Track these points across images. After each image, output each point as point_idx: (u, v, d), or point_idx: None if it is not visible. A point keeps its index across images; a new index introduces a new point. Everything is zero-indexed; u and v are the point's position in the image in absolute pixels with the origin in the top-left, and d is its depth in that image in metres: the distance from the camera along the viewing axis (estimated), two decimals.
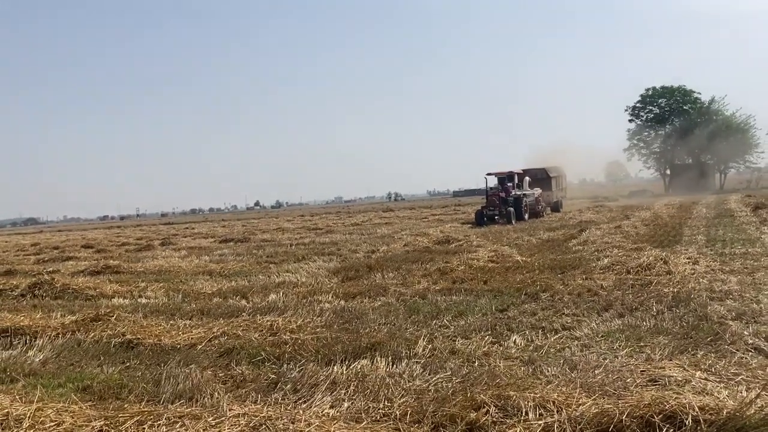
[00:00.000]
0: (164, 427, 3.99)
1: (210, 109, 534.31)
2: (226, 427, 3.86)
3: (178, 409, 4.35)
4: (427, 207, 64.64)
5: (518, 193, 29.66)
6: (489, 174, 30.94)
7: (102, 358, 6.88)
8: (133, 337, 7.60)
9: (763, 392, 4.48)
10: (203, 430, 3.86)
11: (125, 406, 4.67)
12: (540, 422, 4.14)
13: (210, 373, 6.00)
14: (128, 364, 6.64)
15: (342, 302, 9.56)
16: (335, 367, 5.78)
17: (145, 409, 4.38)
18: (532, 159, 41.30)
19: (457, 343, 6.62)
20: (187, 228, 50.58)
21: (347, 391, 5.07)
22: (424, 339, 6.62)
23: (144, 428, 4.00)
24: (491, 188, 30.36)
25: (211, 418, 4.05)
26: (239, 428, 3.85)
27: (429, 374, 5.47)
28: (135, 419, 4.13)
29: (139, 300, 11.07)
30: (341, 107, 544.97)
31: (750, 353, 5.65)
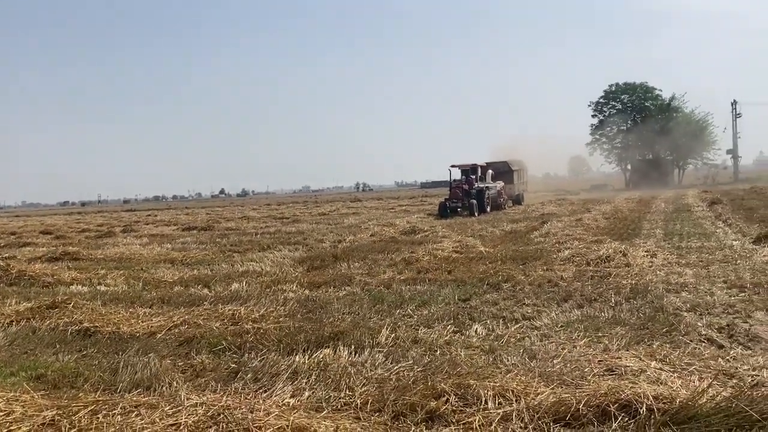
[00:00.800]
0: (119, 416, 3.92)
1: (175, 95, 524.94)
2: (183, 417, 3.80)
3: (134, 399, 4.27)
4: (394, 198, 64.77)
5: (481, 185, 29.86)
6: (453, 166, 31.07)
7: (58, 347, 6.72)
8: (91, 325, 7.45)
9: (715, 382, 4.61)
10: (159, 419, 3.79)
11: (80, 395, 4.58)
12: (499, 411, 4.18)
13: (169, 362, 5.92)
14: (85, 352, 6.50)
15: (306, 292, 9.51)
16: (297, 357, 5.75)
17: (100, 399, 4.30)
18: (496, 152, 41.57)
19: (419, 332, 6.65)
20: (149, 215, 49.76)
21: (309, 381, 5.05)
22: (387, 328, 6.63)
23: (98, 418, 3.91)
24: (455, 180, 30.53)
25: (168, 408, 3.98)
26: (197, 417, 3.80)
27: (391, 363, 5.48)
28: (89, 409, 4.04)
29: (98, 288, 10.84)
30: (311, 97, 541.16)
31: (703, 344, 5.81)
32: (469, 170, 30.58)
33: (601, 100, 72.67)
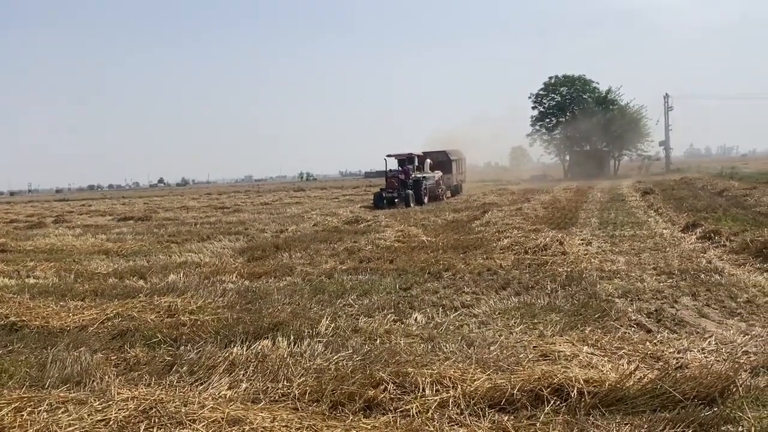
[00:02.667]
0: (45, 413, 3.76)
1: (112, 79, 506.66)
2: (113, 412, 3.68)
3: (61, 394, 4.12)
4: (338, 187, 64.51)
5: (418, 175, 29.11)
6: (389, 155, 29.89)
7: None
8: (18, 319, 7.13)
9: (642, 365, 4.81)
10: (87, 415, 3.66)
11: (3, 392, 4.37)
12: (436, 398, 4.24)
13: (101, 356, 5.73)
14: (11, 348, 6.21)
15: (246, 282, 9.37)
16: (235, 348, 5.65)
17: (26, 395, 4.12)
18: (437, 141, 41.57)
19: (360, 321, 6.66)
20: (83, 205, 47.93)
21: (246, 372, 4.98)
22: (327, 318, 6.60)
23: (22, 415, 3.75)
24: (391, 171, 29.51)
25: (97, 403, 3.85)
26: (127, 412, 3.69)
27: (330, 353, 5.47)
28: (13, 406, 3.87)
29: (26, 280, 10.38)
30: (253, 85, 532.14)
31: (633, 328, 6.04)
32: (405, 160, 29.68)
33: (541, 92, 74.19)
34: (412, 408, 4.12)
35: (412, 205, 26.63)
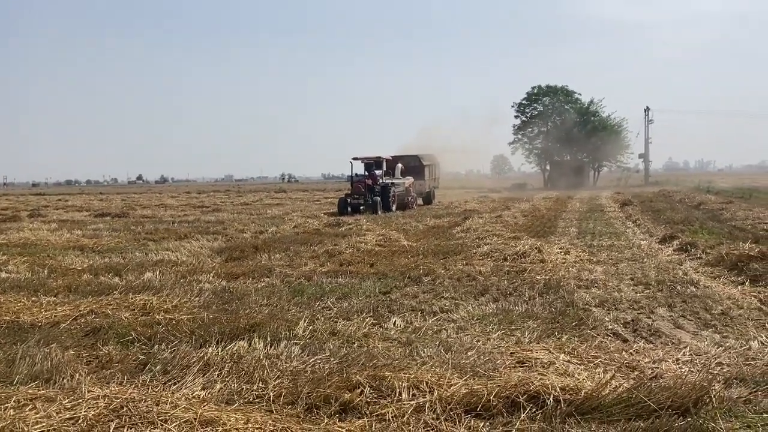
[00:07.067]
0: (12, 410, 3.67)
1: (91, 73, 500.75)
2: (83, 410, 3.60)
3: (30, 391, 4.02)
4: (320, 190, 64.36)
5: (387, 181, 27.03)
6: (355, 159, 27.54)
7: None
8: None
9: (618, 374, 4.83)
10: (56, 413, 3.57)
11: None
12: (412, 402, 4.22)
13: (73, 353, 5.61)
14: None
15: (224, 283, 9.27)
16: (210, 349, 5.58)
17: None
18: (419, 146, 40.14)
19: (338, 324, 6.61)
20: (60, 200, 47.22)
21: (221, 373, 4.91)
22: (305, 320, 6.54)
23: None
24: (357, 175, 27.30)
25: (66, 401, 3.77)
26: (98, 410, 3.61)
27: (307, 355, 5.41)
28: None
29: None
30: (235, 85, 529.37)
31: (609, 337, 6.07)
32: (373, 164, 27.49)
33: (524, 102, 74.77)
34: (387, 412, 4.09)
35: (379, 212, 24.67)
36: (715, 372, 4.90)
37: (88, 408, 3.65)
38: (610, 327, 6.42)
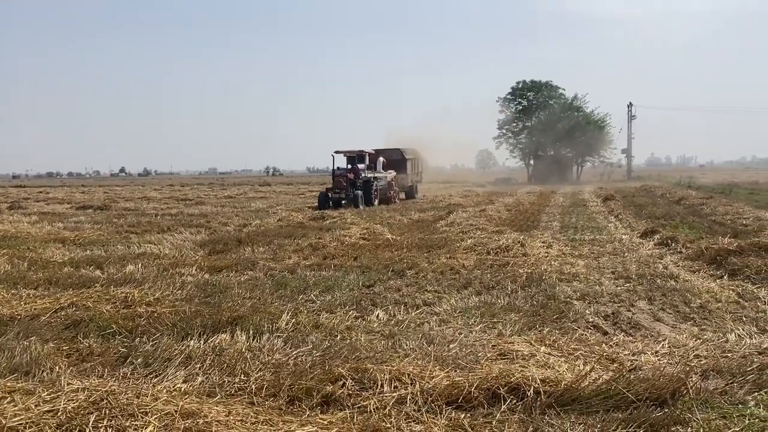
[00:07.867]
0: None
1: (74, 63, 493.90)
2: (63, 402, 3.57)
3: (8, 384, 3.97)
4: (305, 183, 64.13)
5: (369, 175, 26.79)
6: (337, 152, 27.35)
7: None
8: None
9: (597, 366, 4.88)
10: (35, 405, 3.54)
11: None
12: (394, 394, 4.23)
13: (53, 345, 5.55)
14: None
15: (206, 275, 9.23)
16: (192, 342, 5.57)
17: None
18: (399, 140, 39.76)
19: (321, 317, 6.60)
20: (41, 192, 46.65)
21: (202, 366, 4.89)
22: (288, 313, 6.53)
23: None
24: (338, 169, 26.96)
25: (45, 393, 3.73)
26: (77, 403, 3.58)
27: (290, 348, 5.42)
28: None
29: None
30: (219, 77, 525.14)
31: (590, 330, 6.14)
32: (355, 157, 27.32)
33: (509, 97, 75.02)
34: (369, 404, 4.11)
35: (360, 207, 24.43)
36: (693, 364, 4.97)
37: (68, 401, 3.62)
38: (590, 320, 6.49)
